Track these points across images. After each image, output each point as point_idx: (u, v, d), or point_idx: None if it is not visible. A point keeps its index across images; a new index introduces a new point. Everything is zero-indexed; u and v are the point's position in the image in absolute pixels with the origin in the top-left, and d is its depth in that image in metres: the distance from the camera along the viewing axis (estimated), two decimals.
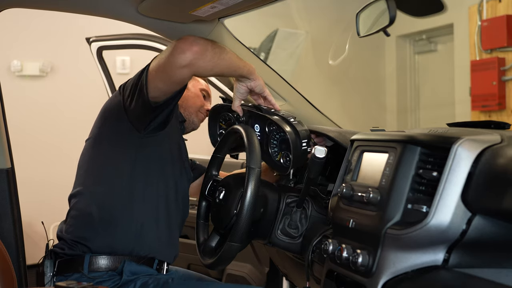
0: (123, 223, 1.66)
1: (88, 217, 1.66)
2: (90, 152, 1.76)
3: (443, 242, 1.06)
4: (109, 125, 1.74)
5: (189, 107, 1.94)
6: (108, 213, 1.66)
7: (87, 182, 1.72)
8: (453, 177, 1.04)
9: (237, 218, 1.45)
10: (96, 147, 1.75)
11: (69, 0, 1.86)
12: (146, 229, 1.68)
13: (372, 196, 1.18)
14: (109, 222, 1.65)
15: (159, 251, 1.71)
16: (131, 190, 1.68)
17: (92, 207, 1.66)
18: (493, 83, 4.76)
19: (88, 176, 1.73)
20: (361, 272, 1.18)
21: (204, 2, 1.67)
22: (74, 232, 1.67)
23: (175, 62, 1.48)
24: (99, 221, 1.65)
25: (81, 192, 1.71)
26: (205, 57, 1.50)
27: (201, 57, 1.49)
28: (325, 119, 2.17)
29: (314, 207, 1.57)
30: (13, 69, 4.35)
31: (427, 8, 1.73)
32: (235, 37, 2.07)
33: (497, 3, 4.79)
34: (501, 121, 1.24)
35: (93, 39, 2.93)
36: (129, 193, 1.68)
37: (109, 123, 1.74)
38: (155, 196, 1.71)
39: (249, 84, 1.71)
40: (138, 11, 1.83)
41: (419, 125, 6.07)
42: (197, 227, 1.77)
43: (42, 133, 4.38)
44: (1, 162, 1.88)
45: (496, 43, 4.77)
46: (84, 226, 1.67)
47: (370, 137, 1.34)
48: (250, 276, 2.51)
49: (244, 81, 1.71)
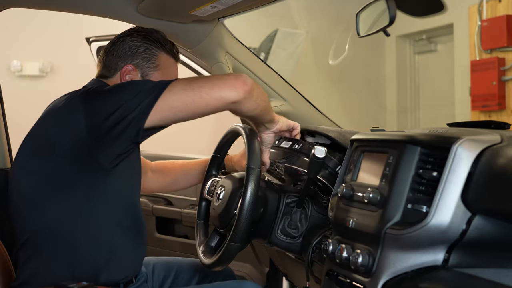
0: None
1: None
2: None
3: (443, 242, 1.06)
4: (59, 158, 1.44)
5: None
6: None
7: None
8: (453, 177, 1.04)
9: (237, 218, 1.45)
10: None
11: (69, 0, 1.86)
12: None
13: (372, 196, 1.18)
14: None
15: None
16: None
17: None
18: (493, 83, 4.76)
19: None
20: (361, 272, 1.18)
21: (204, 2, 1.68)
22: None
23: (225, 97, 1.41)
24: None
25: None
26: (251, 97, 1.45)
27: (249, 96, 1.44)
28: (325, 119, 2.17)
29: (314, 207, 1.57)
30: (13, 69, 4.36)
31: (427, 8, 1.73)
32: (235, 37, 2.07)
33: (497, 3, 4.80)
34: (501, 121, 1.24)
35: (93, 39, 2.92)
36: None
37: (58, 156, 1.44)
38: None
39: (275, 128, 1.63)
40: (138, 11, 1.83)
41: (419, 125, 6.07)
42: (197, 227, 1.77)
43: None
44: (1, 162, 1.88)
45: (496, 43, 4.78)
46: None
47: (370, 137, 1.34)
48: (250, 276, 2.51)
49: (270, 127, 1.62)
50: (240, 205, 1.45)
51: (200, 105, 1.41)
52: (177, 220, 2.80)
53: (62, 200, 1.45)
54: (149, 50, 1.64)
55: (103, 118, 1.39)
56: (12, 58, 4.35)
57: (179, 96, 1.40)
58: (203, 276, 1.80)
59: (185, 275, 1.79)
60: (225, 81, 1.43)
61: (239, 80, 1.43)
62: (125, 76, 1.61)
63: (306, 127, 1.85)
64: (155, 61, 1.64)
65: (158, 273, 1.76)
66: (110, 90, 1.47)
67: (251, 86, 1.44)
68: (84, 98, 1.46)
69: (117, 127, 1.38)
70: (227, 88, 1.41)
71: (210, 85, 1.41)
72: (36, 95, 4.39)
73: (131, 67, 1.62)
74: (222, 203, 1.59)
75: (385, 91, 6.34)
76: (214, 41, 1.95)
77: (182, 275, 1.79)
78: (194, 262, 1.81)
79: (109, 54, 1.65)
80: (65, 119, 1.45)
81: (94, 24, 3.67)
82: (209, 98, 1.40)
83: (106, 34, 2.90)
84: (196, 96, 1.40)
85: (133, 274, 1.58)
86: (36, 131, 1.52)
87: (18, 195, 1.51)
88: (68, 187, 1.45)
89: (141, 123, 1.38)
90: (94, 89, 1.51)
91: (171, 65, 1.69)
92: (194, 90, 1.40)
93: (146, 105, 1.38)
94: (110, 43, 1.67)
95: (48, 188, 1.45)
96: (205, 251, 1.65)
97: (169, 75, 1.66)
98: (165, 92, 1.39)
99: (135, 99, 1.39)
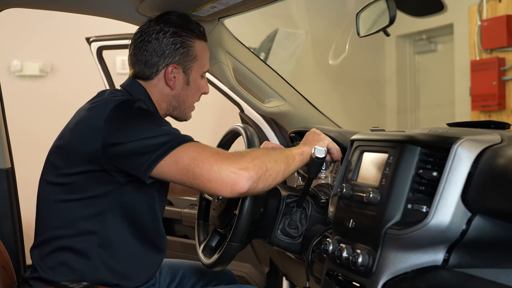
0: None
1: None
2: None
3: (443, 242, 1.06)
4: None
5: (186, 107, 1.69)
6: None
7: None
8: (453, 177, 1.04)
9: (237, 218, 1.45)
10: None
11: (69, 0, 1.86)
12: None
13: (372, 196, 1.18)
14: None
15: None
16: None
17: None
18: (493, 83, 4.76)
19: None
20: (361, 272, 1.18)
21: (204, 2, 1.68)
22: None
23: (226, 192, 1.33)
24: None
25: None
26: (264, 176, 1.35)
27: (261, 178, 1.35)
28: (325, 119, 2.18)
29: (314, 207, 1.57)
30: (13, 69, 4.35)
31: (427, 8, 1.73)
32: (235, 37, 2.07)
33: (497, 3, 4.79)
34: (501, 121, 1.24)
35: (93, 39, 2.93)
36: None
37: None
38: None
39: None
40: (138, 11, 1.83)
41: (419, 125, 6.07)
42: (197, 227, 1.77)
43: (42, 133, 4.38)
44: (1, 162, 1.88)
45: (496, 43, 4.78)
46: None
47: (370, 137, 1.34)
48: (250, 276, 2.51)
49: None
50: (240, 205, 1.45)
51: (198, 188, 1.38)
52: (177, 220, 2.80)
53: (80, 207, 1.47)
54: (185, 43, 1.63)
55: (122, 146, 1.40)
56: (12, 58, 4.35)
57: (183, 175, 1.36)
58: (208, 281, 1.81)
59: (190, 279, 1.80)
60: (221, 173, 1.32)
61: (239, 175, 1.31)
62: (169, 76, 1.62)
63: (306, 127, 1.85)
64: (192, 53, 1.64)
65: (165, 276, 1.77)
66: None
67: (258, 168, 1.34)
68: (107, 121, 1.43)
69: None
70: (228, 183, 1.32)
71: (207, 177, 1.33)
72: (36, 95, 4.39)
73: (173, 66, 1.62)
74: (222, 203, 1.59)
75: (385, 91, 6.34)
76: (214, 41, 1.95)
77: (187, 279, 1.80)
78: (198, 266, 1.82)
79: (145, 53, 1.61)
80: (87, 133, 1.45)
81: (94, 24, 3.67)
82: (212, 191, 1.35)
83: (106, 34, 2.91)
84: (196, 180, 1.35)
85: (148, 280, 1.59)
86: (64, 138, 1.53)
87: (41, 197, 1.54)
88: (86, 193, 1.46)
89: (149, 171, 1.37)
90: (118, 112, 1.46)
91: (204, 50, 1.69)
92: (194, 173, 1.35)
93: (154, 158, 1.36)
94: (142, 41, 1.62)
95: (68, 194, 1.47)
96: (205, 251, 1.65)
97: (205, 62, 1.69)
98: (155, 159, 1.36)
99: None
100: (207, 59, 1.71)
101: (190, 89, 1.66)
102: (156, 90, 1.63)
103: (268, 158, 1.38)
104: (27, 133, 4.25)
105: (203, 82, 1.70)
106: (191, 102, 1.69)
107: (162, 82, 1.62)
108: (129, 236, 1.51)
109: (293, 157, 1.46)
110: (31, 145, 4.27)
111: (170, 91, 1.64)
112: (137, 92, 1.61)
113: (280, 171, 1.40)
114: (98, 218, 1.46)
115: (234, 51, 2.04)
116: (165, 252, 1.63)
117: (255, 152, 1.39)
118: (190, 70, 1.65)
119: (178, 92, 1.65)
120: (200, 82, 1.69)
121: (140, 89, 1.62)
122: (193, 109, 1.72)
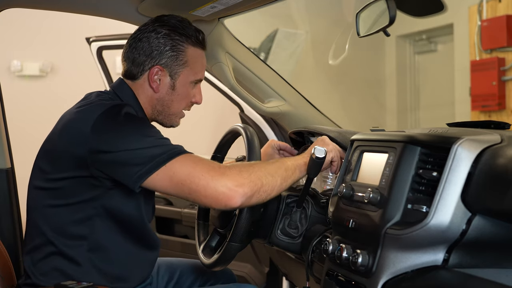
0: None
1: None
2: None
3: (443, 242, 1.06)
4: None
5: (170, 113, 1.63)
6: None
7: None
8: (453, 177, 1.04)
9: (237, 218, 1.45)
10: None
11: (69, 0, 1.87)
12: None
13: (372, 196, 1.18)
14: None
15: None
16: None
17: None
18: (493, 83, 4.76)
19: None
20: (361, 272, 1.18)
21: (204, 2, 1.68)
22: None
23: (220, 206, 1.36)
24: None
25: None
26: (259, 192, 1.37)
27: (255, 195, 1.37)
28: (325, 119, 2.18)
29: (314, 207, 1.57)
30: (13, 69, 4.36)
31: (427, 8, 1.73)
32: (235, 37, 2.07)
33: (497, 3, 4.79)
34: (501, 121, 1.24)
35: (93, 39, 2.93)
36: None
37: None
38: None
39: (324, 158, 1.50)
40: (138, 11, 1.83)
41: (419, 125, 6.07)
42: (197, 227, 1.77)
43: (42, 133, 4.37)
44: (1, 162, 1.88)
45: (496, 43, 4.78)
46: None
47: (370, 137, 1.34)
48: (250, 276, 2.51)
49: (322, 163, 1.50)
50: None
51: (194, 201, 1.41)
52: (177, 220, 2.80)
53: (68, 212, 1.46)
54: (175, 47, 1.57)
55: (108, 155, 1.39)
56: (12, 58, 4.35)
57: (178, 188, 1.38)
58: (206, 279, 1.80)
59: (188, 277, 1.80)
60: (216, 188, 1.34)
61: (234, 191, 1.34)
62: (153, 78, 1.57)
63: (306, 127, 1.85)
64: (182, 58, 1.58)
65: (162, 275, 1.76)
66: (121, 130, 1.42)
67: (252, 184, 1.35)
68: (94, 127, 1.41)
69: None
70: (223, 199, 1.34)
71: (204, 193, 1.35)
72: (36, 95, 4.39)
73: (158, 68, 1.56)
74: None
75: (385, 91, 6.34)
76: (214, 41, 1.95)
77: (185, 277, 1.79)
78: (196, 264, 1.81)
79: (134, 51, 1.59)
80: (74, 138, 1.44)
81: (94, 24, 3.67)
82: (209, 204, 1.38)
83: (106, 34, 2.91)
84: (194, 195, 1.37)
85: (144, 280, 1.59)
86: (51, 141, 1.52)
87: (30, 202, 1.52)
88: (74, 198, 1.45)
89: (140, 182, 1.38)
90: (106, 119, 1.43)
91: (198, 58, 1.62)
92: (190, 186, 1.36)
93: (145, 171, 1.36)
94: (134, 38, 1.60)
95: (56, 199, 1.46)
96: (205, 251, 1.65)
97: (197, 71, 1.62)
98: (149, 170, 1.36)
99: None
100: (202, 67, 1.63)
101: (175, 95, 1.60)
102: (142, 92, 1.59)
103: (264, 173, 1.39)
104: (27, 133, 4.24)
105: (195, 90, 1.63)
106: (176, 109, 1.62)
107: (147, 83, 1.58)
108: (119, 238, 1.50)
109: (293, 169, 1.46)
110: (31, 145, 4.26)
111: (154, 94, 1.58)
112: (124, 94, 1.58)
113: (276, 186, 1.41)
114: (87, 223, 1.45)
115: (234, 51, 2.04)
116: (158, 250, 1.62)
117: (252, 167, 1.39)
118: (178, 75, 1.58)
119: (162, 96, 1.59)
120: (190, 90, 1.62)
121: (127, 91, 1.59)
122: (182, 116, 1.66)
